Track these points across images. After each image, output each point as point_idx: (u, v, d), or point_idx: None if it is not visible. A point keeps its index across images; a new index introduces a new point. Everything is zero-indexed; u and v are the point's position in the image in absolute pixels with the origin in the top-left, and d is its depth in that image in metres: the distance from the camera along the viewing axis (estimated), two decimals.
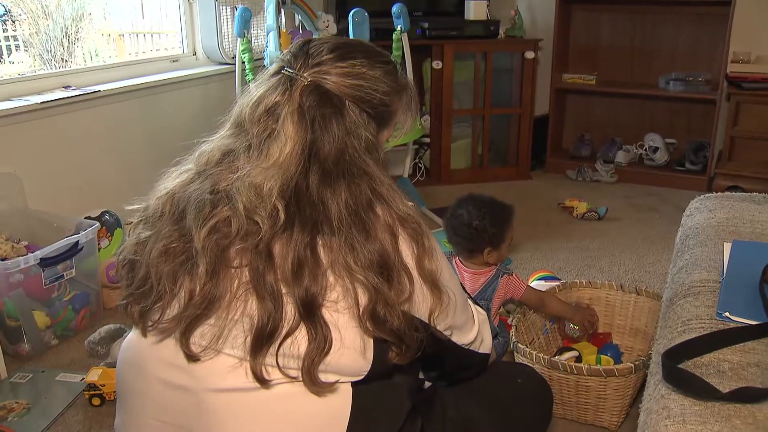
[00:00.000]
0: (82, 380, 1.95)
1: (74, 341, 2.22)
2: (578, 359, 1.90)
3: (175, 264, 1.01)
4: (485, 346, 1.26)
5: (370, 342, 1.01)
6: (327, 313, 0.98)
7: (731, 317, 1.17)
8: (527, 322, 1.98)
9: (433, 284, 1.04)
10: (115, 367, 1.90)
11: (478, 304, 1.30)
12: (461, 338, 1.19)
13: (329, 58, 1.06)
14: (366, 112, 1.06)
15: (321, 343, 0.97)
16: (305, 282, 0.96)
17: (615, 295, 2.08)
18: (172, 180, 1.11)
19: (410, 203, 1.06)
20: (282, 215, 0.97)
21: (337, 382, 1.01)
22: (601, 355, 1.93)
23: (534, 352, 1.73)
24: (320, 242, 0.98)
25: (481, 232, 1.93)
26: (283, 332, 0.97)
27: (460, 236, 1.96)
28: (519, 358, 1.78)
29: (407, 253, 1.02)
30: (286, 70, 1.06)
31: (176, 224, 1.04)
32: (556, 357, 1.82)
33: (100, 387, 1.85)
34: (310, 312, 0.97)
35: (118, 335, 2.10)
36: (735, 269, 1.35)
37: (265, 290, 0.96)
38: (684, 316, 1.21)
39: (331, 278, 0.98)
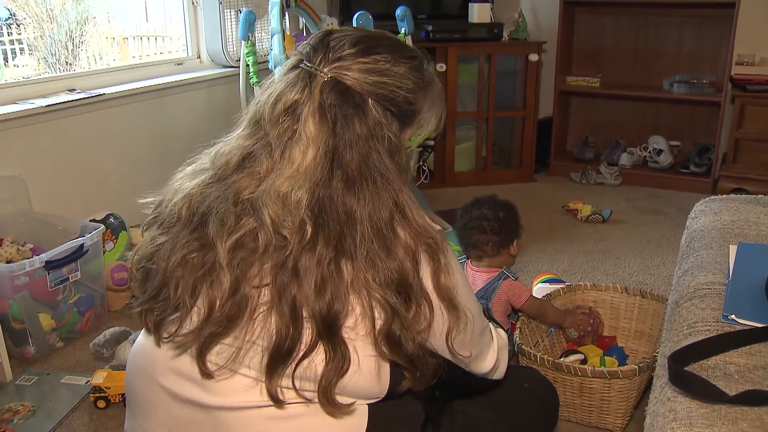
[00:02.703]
0: (87, 383, 1.95)
1: (79, 344, 2.22)
2: (583, 362, 1.90)
3: (195, 277, 0.98)
4: (499, 373, 1.21)
5: (386, 366, 0.99)
6: (345, 336, 0.95)
7: (737, 320, 1.16)
8: (531, 324, 1.98)
9: (450, 303, 1.00)
10: (120, 369, 1.92)
11: (501, 327, 1.26)
12: (477, 367, 1.15)
13: (351, 53, 1.01)
14: (389, 111, 1.02)
15: (339, 363, 0.94)
16: (327, 299, 0.93)
17: (620, 298, 2.07)
18: (188, 179, 1.06)
19: (434, 224, 1.01)
20: (309, 229, 0.93)
21: (353, 404, 0.99)
22: (606, 357, 1.93)
23: (538, 354, 1.73)
24: (343, 258, 0.95)
25: (506, 224, 2.00)
26: (300, 353, 0.94)
27: (487, 232, 1.99)
28: (523, 361, 1.78)
29: (426, 272, 0.98)
30: (305, 64, 1.01)
31: (194, 233, 1.00)
32: (561, 359, 1.82)
33: (105, 389, 1.85)
34: (330, 331, 0.94)
35: (123, 338, 2.11)
36: (741, 271, 1.34)
37: (286, 309, 0.93)
38: (690, 319, 1.21)
39: (352, 296, 0.94)
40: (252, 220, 0.95)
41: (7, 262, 2.12)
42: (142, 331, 1.10)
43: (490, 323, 1.20)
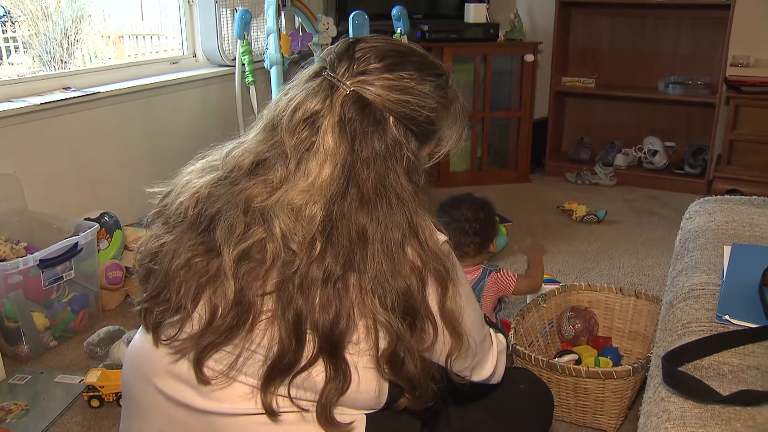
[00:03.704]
0: (80, 382, 1.95)
1: (73, 342, 2.21)
2: (578, 362, 1.90)
3: (198, 282, 0.96)
4: (497, 378, 1.20)
5: (386, 386, 0.98)
6: (348, 353, 0.94)
7: (731, 320, 1.16)
8: (526, 324, 1.98)
9: (454, 329, 0.99)
10: (114, 368, 1.92)
11: (501, 331, 1.25)
12: (476, 375, 1.15)
13: (376, 67, 0.98)
14: (410, 130, 1.00)
15: (339, 383, 0.93)
16: (332, 317, 0.91)
17: (614, 298, 2.08)
18: (197, 175, 1.04)
19: (443, 239, 1.00)
20: (318, 245, 0.92)
21: (352, 423, 0.98)
22: (600, 358, 1.93)
23: (532, 354, 1.73)
24: (351, 276, 0.93)
25: (487, 224, 2.00)
26: (300, 366, 0.93)
27: (469, 234, 1.99)
28: (518, 361, 1.78)
29: (432, 295, 0.97)
30: (328, 74, 0.99)
31: (200, 236, 0.98)
32: (556, 360, 1.82)
33: (99, 388, 1.84)
34: (334, 351, 0.93)
35: (117, 337, 2.10)
36: (735, 272, 1.35)
37: (289, 322, 0.92)
38: (684, 319, 1.21)
39: (356, 316, 0.93)
40: (261, 230, 0.93)
41: (1, 261, 2.11)
42: (139, 329, 1.08)
43: (491, 329, 1.20)
